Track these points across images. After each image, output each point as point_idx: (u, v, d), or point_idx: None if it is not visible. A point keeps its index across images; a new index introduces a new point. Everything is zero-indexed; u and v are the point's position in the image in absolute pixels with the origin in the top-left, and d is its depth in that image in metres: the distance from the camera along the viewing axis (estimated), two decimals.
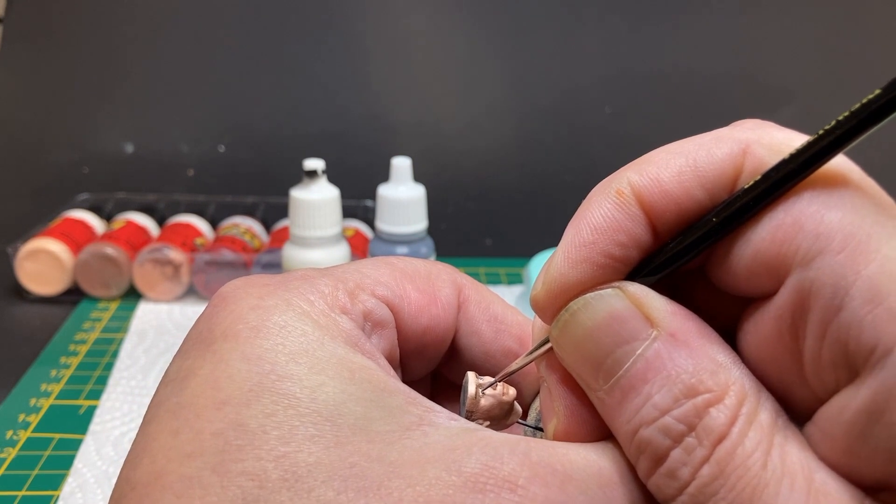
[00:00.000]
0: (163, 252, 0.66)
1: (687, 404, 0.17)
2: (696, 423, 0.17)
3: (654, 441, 0.17)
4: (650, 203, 0.19)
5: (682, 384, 0.17)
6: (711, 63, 0.90)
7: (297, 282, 0.21)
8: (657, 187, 0.18)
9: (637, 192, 0.19)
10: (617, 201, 0.19)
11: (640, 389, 0.17)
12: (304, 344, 0.19)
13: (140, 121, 0.89)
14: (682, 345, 0.17)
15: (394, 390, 0.19)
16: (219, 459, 0.17)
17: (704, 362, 0.17)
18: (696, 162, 0.18)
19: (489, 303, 0.25)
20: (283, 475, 0.17)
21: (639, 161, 0.19)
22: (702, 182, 0.18)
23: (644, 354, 0.18)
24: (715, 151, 0.18)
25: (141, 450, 0.19)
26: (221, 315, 0.20)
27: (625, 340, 0.18)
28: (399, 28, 0.89)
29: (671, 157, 0.19)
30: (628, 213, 0.19)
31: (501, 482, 0.17)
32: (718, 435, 0.17)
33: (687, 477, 0.17)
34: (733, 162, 0.18)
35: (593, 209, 0.19)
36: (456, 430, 0.18)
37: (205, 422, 0.18)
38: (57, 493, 0.45)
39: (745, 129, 0.19)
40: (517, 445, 0.18)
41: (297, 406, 0.18)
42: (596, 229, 0.19)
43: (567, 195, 0.88)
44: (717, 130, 0.19)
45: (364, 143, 0.88)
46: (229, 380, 0.19)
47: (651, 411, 0.17)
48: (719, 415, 0.17)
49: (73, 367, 0.58)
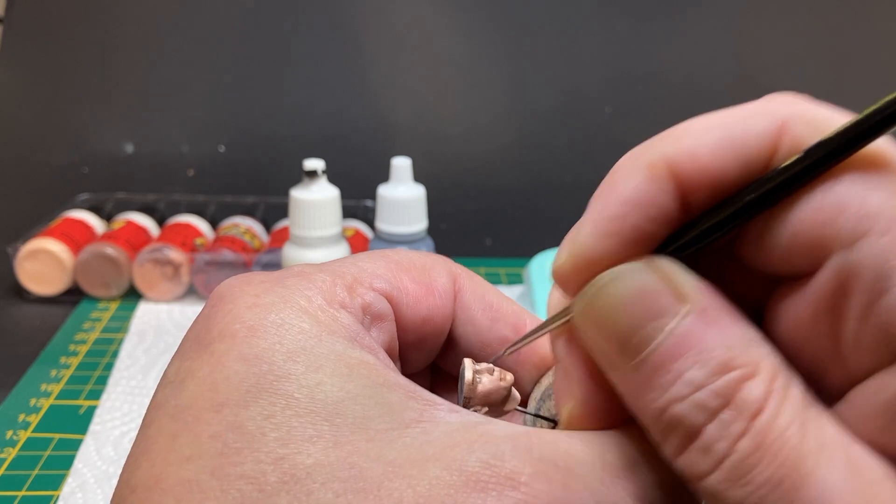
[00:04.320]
0: (163, 252, 0.66)
1: (721, 379, 0.16)
2: (731, 398, 0.16)
3: (688, 417, 0.17)
4: (684, 177, 0.18)
5: (716, 360, 0.17)
6: (711, 63, 0.90)
7: (294, 278, 0.21)
8: (693, 161, 0.18)
9: (671, 166, 0.18)
10: (649, 174, 0.18)
11: (671, 366, 0.17)
12: (302, 341, 0.19)
13: (140, 121, 0.89)
14: (713, 321, 0.17)
15: (393, 385, 0.19)
16: (217, 463, 0.17)
17: (736, 338, 0.17)
18: (733, 136, 0.18)
19: (484, 292, 0.25)
20: (281, 478, 0.17)
21: (672, 132, 0.18)
22: (738, 157, 0.18)
23: (675, 331, 0.17)
24: (753, 126, 0.18)
25: (140, 453, 0.19)
26: (218, 315, 0.20)
27: (654, 316, 0.17)
28: (399, 28, 0.89)
29: (707, 129, 0.18)
30: (660, 187, 0.18)
31: (504, 480, 0.17)
32: (755, 409, 0.16)
33: (723, 451, 0.16)
34: (771, 138, 0.18)
35: (624, 181, 0.18)
36: (456, 425, 0.18)
37: (203, 424, 0.18)
38: (57, 493, 0.45)
39: (783, 104, 0.18)
40: (519, 441, 0.18)
41: (296, 406, 0.18)
42: (626, 202, 0.18)
43: (567, 195, 0.88)
44: (751, 104, 0.18)
45: (364, 143, 0.88)
46: (227, 381, 0.18)
47: (683, 388, 0.17)
48: (754, 389, 0.16)
49: (73, 367, 0.58)
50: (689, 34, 0.91)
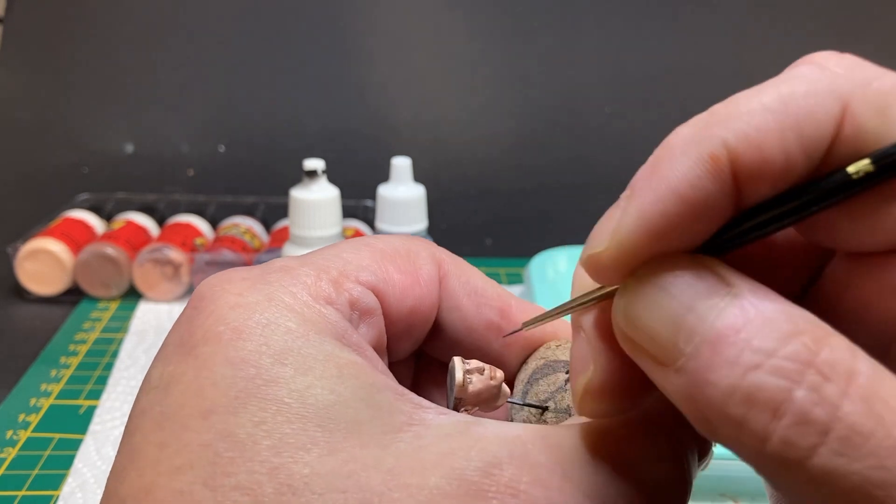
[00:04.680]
0: (163, 252, 0.66)
1: (795, 341, 0.15)
2: (812, 360, 0.14)
3: (767, 385, 0.14)
4: (747, 171, 0.16)
5: (781, 327, 0.15)
6: (711, 63, 0.90)
7: (277, 273, 0.20)
8: (758, 153, 0.16)
9: (734, 159, 0.16)
10: (711, 169, 0.16)
11: (734, 338, 0.15)
12: (289, 342, 0.19)
13: (140, 121, 0.89)
14: (765, 296, 0.15)
15: (382, 387, 0.19)
16: (209, 473, 0.17)
17: (794, 308, 0.15)
18: (797, 123, 0.16)
19: (469, 276, 0.24)
20: (278, 488, 0.16)
21: (729, 113, 0.16)
22: (804, 146, 0.16)
23: (732, 304, 0.15)
24: (816, 109, 0.16)
25: (127, 462, 0.18)
26: (201, 316, 0.19)
27: (705, 296, 0.16)
28: (399, 28, 0.89)
29: (770, 114, 0.16)
30: (722, 184, 0.16)
31: (503, 488, 0.17)
32: (847, 369, 0.14)
33: (825, 417, 0.14)
34: (835, 122, 0.16)
35: (678, 170, 0.16)
36: (447, 428, 0.18)
37: (192, 433, 0.17)
38: (57, 493, 0.45)
39: (841, 78, 0.16)
40: (514, 447, 0.18)
41: (287, 412, 0.17)
42: (684, 201, 0.16)
43: (567, 195, 0.89)
44: (803, 74, 0.17)
45: (364, 143, 0.88)
46: (214, 386, 0.18)
47: (753, 357, 0.15)
48: (836, 349, 0.14)
49: (73, 367, 0.58)
50: (689, 34, 0.91)
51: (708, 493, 0.44)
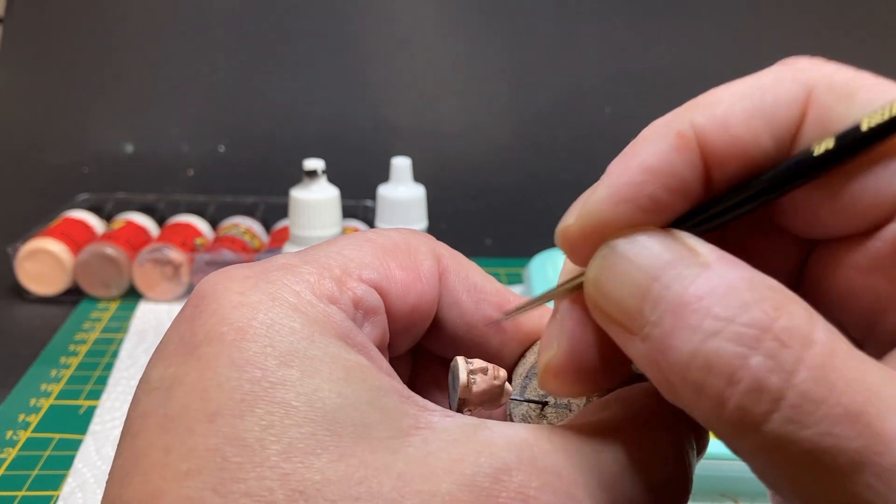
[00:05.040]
0: (163, 252, 0.66)
1: (755, 308, 0.15)
2: (770, 326, 0.15)
3: (724, 351, 0.15)
4: (715, 149, 0.17)
5: (742, 295, 0.15)
6: (711, 63, 0.90)
7: (279, 272, 0.20)
8: (724, 131, 0.17)
9: (701, 136, 0.17)
10: (676, 143, 0.17)
11: (696, 305, 0.15)
12: (294, 343, 0.18)
13: (140, 121, 0.89)
14: (730, 265, 0.16)
15: (388, 389, 0.19)
16: (218, 479, 0.16)
17: (758, 276, 0.16)
18: (763, 105, 0.17)
19: (468, 272, 0.24)
20: (289, 495, 0.16)
21: (700, 101, 0.18)
22: (771, 128, 0.17)
23: (693, 275, 0.16)
24: (781, 94, 0.17)
25: (130, 466, 0.17)
26: (202, 315, 0.19)
27: (671, 265, 0.16)
28: (399, 28, 0.89)
29: (737, 98, 0.17)
30: (686, 158, 0.17)
31: (514, 494, 0.17)
32: (804, 336, 0.15)
33: (779, 384, 0.14)
34: (800, 107, 0.17)
35: (648, 148, 0.17)
36: (455, 432, 0.18)
37: (198, 436, 0.17)
38: (57, 493, 0.45)
39: (805, 70, 0.18)
40: (523, 451, 0.18)
41: (294, 415, 0.17)
42: (647, 170, 0.17)
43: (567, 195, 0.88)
44: (773, 70, 0.18)
45: (364, 143, 0.88)
46: (218, 389, 0.17)
47: (713, 323, 0.15)
48: (794, 316, 0.15)
49: (73, 367, 0.58)
50: (689, 34, 0.91)
51: (708, 493, 0.44)
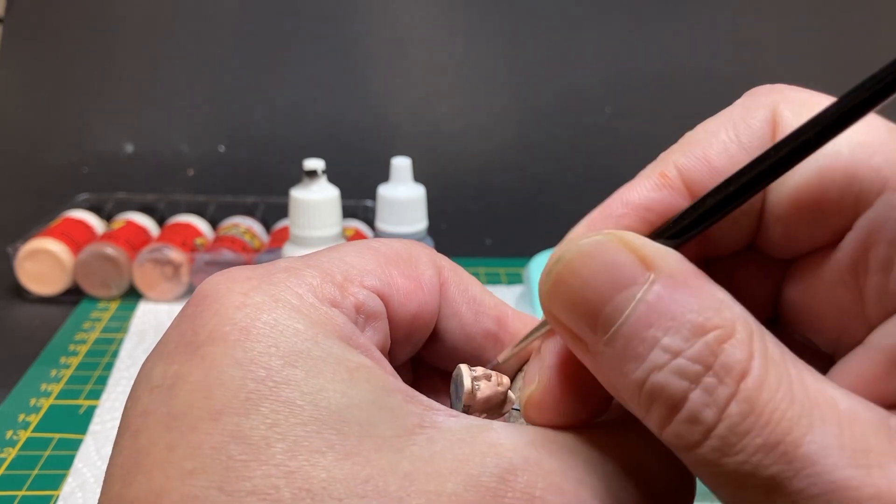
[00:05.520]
0: (163, 252, 0.66)
1: (699, 342, 0.16)
2: (712, 362, 0.16)
3: (669, 385, 0.16)
4: (701, 183, 0.19)
5: (690, 323, 0.16)
6: (712, 63, 0.90)
7: (282, 274, 0.20)
8: (706, 166, 0.19)
9: (686, 174, 0.19)
10: (659, 182, 0.19)
11: (645, 334, 0.16)
12: (298, 344, 0.18)
13: (140, 121, 0.89)
14: (682, 284, 0.17)
15: (392, 389, 0.19)
16: (224, 477, 0.16)
17: (707, 299, 0.17)
18: (738, 135, 0.19)
19: (467, 284, 0.24)
20: (295, 493, 0.16)
21: (681, 143, 0.20)
22: (748, 153, 0.19)
23: (645, 298, 0.17)
24: (751, 121, 0.19)
25: (132, 465, 0.17)
26: (205, 315, 0.19)
27: (623, 286, 0.17)
28: (399, 28, 0.89)
29: (711, 135, 0.19)
30: (670, 194, 0.19)
31: (519, 494, 0.17)
32: (740, 371, 0.16)
33: (712, 419, 0.16)
34: (771, 127, 0.19)
35: (632, 187, 0.19)
36: (460, 432, 0.18)
37: (202, 434, 0.17)
38: (57, 493, 0.45)
39: (767, 94, 0.19)
40: (528, 452, 0.18)
41: (299, 414, 0.17)
42: (627, 204, 0.19)
43: (567, 195, 0.89)
44: (738, 103, 0.20)
45: (364, 143, 0.88)
46: (222, 387, 0.17)
47: (661, 355, 0.16)
48: (735, 350, 0.16)
49: (73, 367, 0.58)
50: (689, 34, 0.91)
51: (708, 493, 0.44)
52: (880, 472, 0.15)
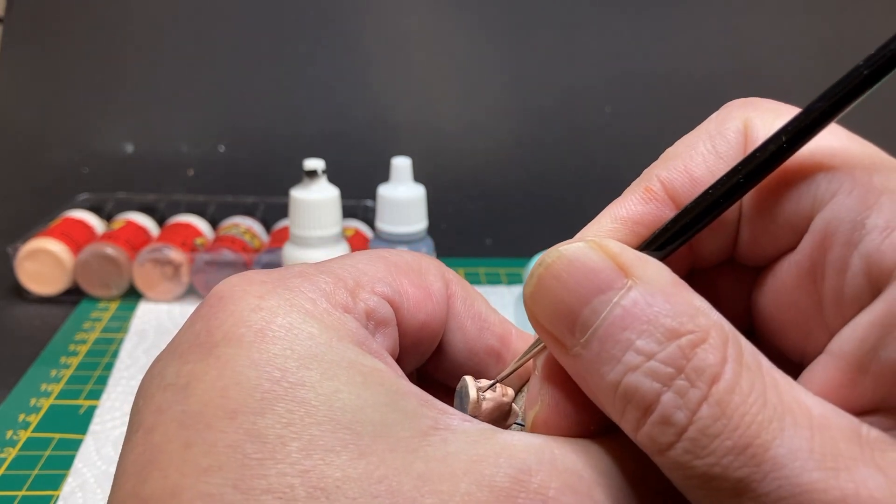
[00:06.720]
0: (163, 252, 0.66)
1: (671, 346, 0.16)
2: (684, 365, 0.16)
3: (642, 387, 0.17)
4: (685, 194, 0.20)
5: (664, 326, 0.17)
6: (712, 63, 0.90)
7: (297, 279, 0.20)
8: (687, 177, 0.20)
9: (669, 187, 0.20)
10: (644, 196, 0.20)
11: (620, 336, 0.17)
12: (313, 347, 0.19)
13: (140, 121, 0.89)
14: (659, 291, 0.17)
15: (406, 392, 0.19)
16: (239, 475, 0.16)
17: (682, 305, 0.17)
18: (715, 147, 0.20)
19: (473, 300, 0.25)
20: (310, 492, 0.16)
21: (662, 158, 0.21)
22: (726, 163, 0.20)
23: (621, 302, 0.17)
24: (726, 133, 0.20)
25: (147, 462, 0.17)
26: (220, 316, 0.19)
27: (600, 290, 0.17)
28: (399, 28, 0.89)
29: (690, 147, 0.20)
30: (657, 206, 0.20)
31: (533, 495, 0.17)
32: (711, 375, 0.16)
33: (683, 421, 0.16)
34: (745, 138, 0.20)
35: (618, 204, 0.20)
36: (474, 434, 0.18)
37: (217, 433, 0.17)
38: (57, 493, 0.45)
39: (740, 107, 0.21)
40: (542, 453, 0.18)
41: (315, 414, 0.17)
42: (617, 219, 0.20)
43: (567, 195, 0.89)
44: (713, 117, 0.21)
45: (364, 143, 0.88)
46: (238, 387, 0.18)
47: (634, 357, 0.17)
48: (707, 355, 0.16)
49: (73, 367, 0.58)
50: (688, 33, 0.91)
51: None
52: (847, 476, 0.15)
